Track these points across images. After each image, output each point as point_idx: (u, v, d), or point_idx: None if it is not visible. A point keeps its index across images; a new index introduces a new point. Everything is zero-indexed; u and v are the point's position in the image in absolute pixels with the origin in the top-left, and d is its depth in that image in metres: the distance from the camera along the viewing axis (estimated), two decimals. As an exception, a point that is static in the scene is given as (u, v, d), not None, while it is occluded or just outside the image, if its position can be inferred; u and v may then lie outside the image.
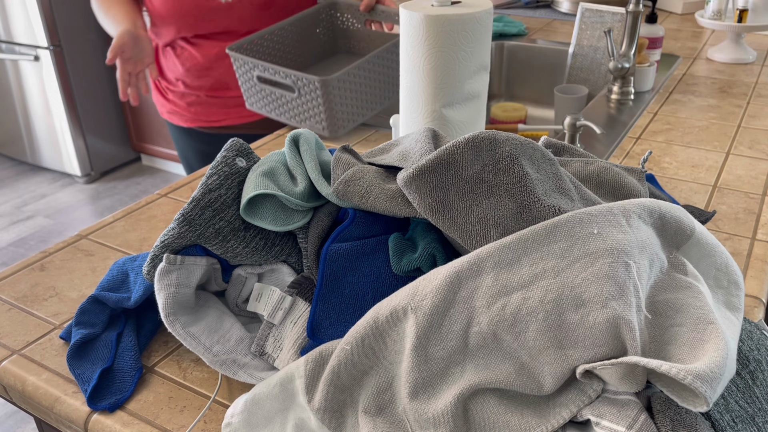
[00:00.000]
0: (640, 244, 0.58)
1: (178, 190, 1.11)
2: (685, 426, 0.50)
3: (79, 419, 0.69)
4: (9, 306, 0.85)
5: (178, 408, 0.69)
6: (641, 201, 0.62)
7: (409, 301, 0.59)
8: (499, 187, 0.64)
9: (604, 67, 1.55)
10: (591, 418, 0.53)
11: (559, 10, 2.15)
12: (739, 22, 1.59)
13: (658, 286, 0.59)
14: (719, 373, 0.49)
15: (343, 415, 0.60)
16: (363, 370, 0.60)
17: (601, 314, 0.53)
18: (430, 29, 0.93)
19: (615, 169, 0.78)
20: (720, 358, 0.50)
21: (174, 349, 0.76)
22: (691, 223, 0.63)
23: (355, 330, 0.60)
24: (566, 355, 0.54)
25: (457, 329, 0.57)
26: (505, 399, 0.56)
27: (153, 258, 0.73)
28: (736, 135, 1.24)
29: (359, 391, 0.60)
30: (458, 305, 0.58)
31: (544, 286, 0.55)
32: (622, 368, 0.52)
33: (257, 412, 0.63)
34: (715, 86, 1.49)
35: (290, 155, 0.77)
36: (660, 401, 0.52)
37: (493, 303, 0.56)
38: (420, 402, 0.57)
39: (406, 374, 0.58)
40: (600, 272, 0.54)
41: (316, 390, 0.61)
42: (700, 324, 0.54)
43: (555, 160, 0.70)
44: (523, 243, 0.58)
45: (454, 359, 0.57)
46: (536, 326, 0.54)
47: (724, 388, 0.52)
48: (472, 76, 0.97)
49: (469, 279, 0.58)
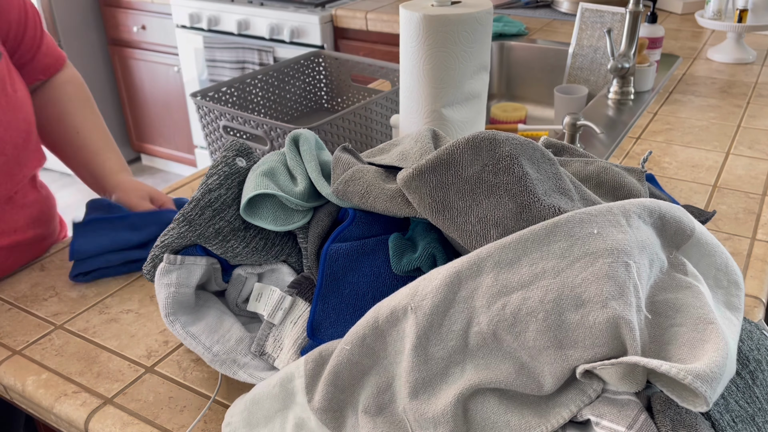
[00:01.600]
0: (640, 244, 0.58)
1: (178, 190, 1.11)
2: (685, 426, 0.50)
3: (79, 419, 0.69)
4: (9, 306, 0.85)
5: (178, 408, 0.69)
6: (641, 201, 0.62)
7: (409, 300, 0.59)
8: (499, 187, 0.64)
9: (604, 67, 1.55)
10: (591, 418, 0.53)
11: (559, 10, 2.15)
12: (739, 22, 1.59)
13: (658, 286, 0.59)
14: (719, 373, 0.49)
15: (343, 414, 0.60)
16: (363, 370, 0.60)
17: (601, 314, 0.53)
18: (429, 29, 0.93)
19: (615, 169, 0.78)
20: (720, 358, 0.50)
21: (174, 349, 0.77)
22: (691, 223, 0.63)
23: (355, 330, 0.61)
24: (566, 355, 0.54)
25: (457, 329, 0.57)
26: (505, 399, 0.56)
27: (153, 258, 0.73)
28: (736, 135, 1.24)
29: (359, 390, 0.60)
30: (458, 305, 0.58)
31: (544, 286, 0.55)
32: (622, 368, 0.52)
33: (257, 412, 0.63)
34: (715, 86, 1.49)
35: (290, 155, 0.77)
36: (660, 401, 0.52)
37: (493, 303, 0.56)
38: (420, 402, 0.57)
39: (406, 374, 0.58)
40: (600, 272, 0.55)
41: (316, 390, 0.61)
42: (700, 324, 0.54)
43: (555, 160, 0.70)
44: (523, 243, 0.58)
45: (454, 359, 0.57)
46: (536, 326, 0.54)
47: (724, 388, 0.52)
48: (472, 76, 0.97)
49: (469, 279, 0.58)
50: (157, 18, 2.81)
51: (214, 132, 1.16)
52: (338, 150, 0.77)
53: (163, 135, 3.34)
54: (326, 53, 1.39)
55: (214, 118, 1.14)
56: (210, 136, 1.18)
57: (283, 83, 1.36)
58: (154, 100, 3.12)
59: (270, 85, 1.33)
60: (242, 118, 1.08)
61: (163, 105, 3.10)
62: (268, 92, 1.33)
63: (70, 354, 0.77)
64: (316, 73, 1.41)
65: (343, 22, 2.28)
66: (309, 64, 1.39)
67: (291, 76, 1.36)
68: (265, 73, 1.31)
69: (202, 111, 1.15)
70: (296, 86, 1.39)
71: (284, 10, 2.35)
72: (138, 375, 0.73)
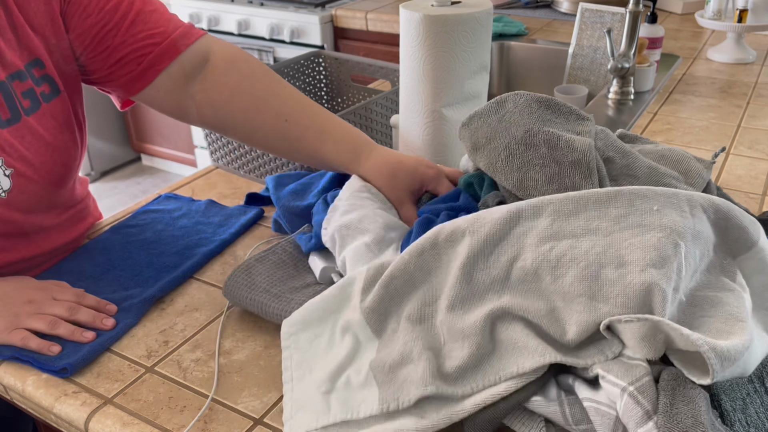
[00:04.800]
0: (696, 234, 0.60)
1: (178, 190, 1.11)
2: (686, 400, 0.50)
3: (79, 419, 0.69)
4: (9, 306, 0.85)
5: (178, 408, 0.69)
6: (712, 197, 0.64)
7: (469, 225, 0.64)
8: (514, 123, 0.76)
9: (604, 67, 1.55)
10: (599, 372, 0.55)
11: (559, 10, 2.15)
12: (739, 22, 1.59)
13: (702, 284, 0.60)
14: (734, 357, 0.50)
15: (386, 318, 0.65)
16: (414, 283, 0.65)
17: (638, 277, 0.55)
18: (429, 29, 0.93)
19: (682, 151, 0.82)
20: (741, 346, 0.51)
21: (174, 349, 0.77)
22: (756, 236, 0.64)
23: (417, 243, 0.66)
24: (596, 307, 0.56)
25: (503, 260, 0.62)
26: (530, 328, 0.59)
27: None
28: (736, 135, 1.24)
29: (407, 301, 0.65)
30: (511, 239, 0.63)
31: (593, 241, 0.59)
32: (644, 329, 0.53)
33: (314, 312, 0.70)
34: (715, 86, 1.49)
35: None
36: (669, 374, 0.53)
37: (543, 244, 0.61)
38: (454, 315, 0.62)
39: (448, 289, 0.63)
40: (648, 242, 0.57)
41: (370, 292, 0.67)
42: (730, 319, 0.55)
43: (592, 120, 0.78)
44: (585, 199, 0.63)
45: (494, 287, 0.62)
46: (575, 272, 0.58)
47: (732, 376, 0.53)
48: (472, 76, 0.97)
49: (528, 219, 0.63)
50: (157, 18, 2.81)
51: (214, 132, 1.15)
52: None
53: (163, 135, 3.34)
54: (326, 53, 1.39)
55: None
56: (210, 136, 1.18)
57: None
58: (154, 100, 3.11)
59: None
60: None
61: (163, 105, 3.09)
62: None
63: (70, 354, 0.77)
64: (316, 73, 1.41)
65: (343, 22, 2.28)
66: (309, 64, 1.39)
67: (291, 76, 1.36)
68: None
69: None
70: (296, 86, 1.38)
71: (284, 10, 2.35)
72: (138, 375, 0.73)
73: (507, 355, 0.58)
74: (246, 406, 0.68)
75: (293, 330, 0.70)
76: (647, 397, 0.51)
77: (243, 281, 0.79)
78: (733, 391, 0.57)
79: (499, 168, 0.74)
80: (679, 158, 0.80)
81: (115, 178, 3.48)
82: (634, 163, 0.76)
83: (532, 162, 0.72)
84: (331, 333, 0.68)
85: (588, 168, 0.70)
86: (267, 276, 0.80)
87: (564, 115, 0.78)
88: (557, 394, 0.57)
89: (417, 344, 0.61)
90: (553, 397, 0.57)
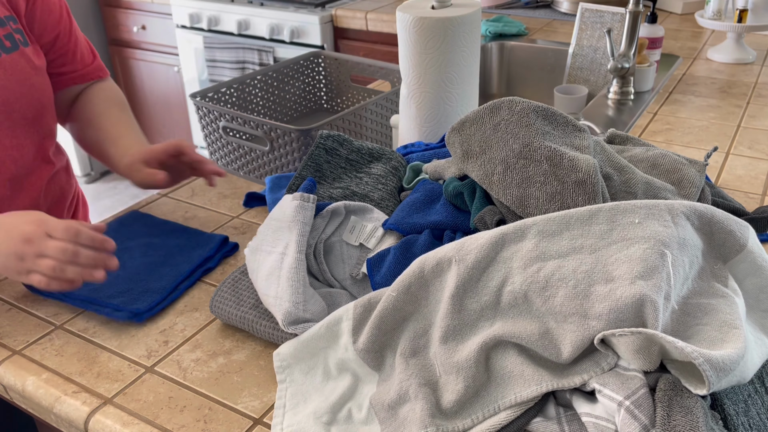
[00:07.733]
0: (681, 241, 0.60)
1: (178, 191, 1.11)
2: (683, 409, 0.50)
3: (79, 419, 0.69)
4: (9, 306, 0.85)
5: (178, 408, 0.69)
6: (693, 204, 0.64)
7: (455, 253, 0.64)
8: (509, 134, 0.74)
9: (604, 67, 1.55)
10: (595, 386, 0.55)
11: (559, 10, 2.15)
12: (739, 22, 1.59)
13: (695, 292, 0.60)
14: (730, 367, 0.50)
15: (383, 355, 0.65)
16: (405, 316, 0.65)
17: (628, 290, 0.55)
18: (422, 31, 0.93)
19: (674, 156, 0.81)
20: (735, 355, 0.51)
21: (174, 349, 0.77)
22: (744, 240, 0.64)
23: (402, 278, 0.65)
24: (589, 325, 0.56)
25: (492, 286, 0.61)
26: (524, 355, 0.59)
27: None
28: (736, 135, 1.24)
29: (399, 334, 0.65)
30: (498, 264, 0.62)
31: (579, 259, 0.59)
32: (638, 342, 0.53)
33: (304, 348, 0.69)
34: (715, 86, 1.49)
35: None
36: (666, 382, 0.53)
37: (530, 265, 0.61)
38: (448, 347, 0.61)
39: (440, 320, 0.63)
40: (634, 255, 0.58)
41: (361, 332, 0.66)
42: (724, 327, 0.55)
43: (587, 130, 0.77)
44: (567, 219, 0.63)
45: (486, 314, 0.62)
46: (565, 292, 0.58)
47: (729, 385, 0.53)
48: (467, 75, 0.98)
49: (513, 242, 0.63)
50: (157, 18, 2.81)
51: (214, 132, 1.15)
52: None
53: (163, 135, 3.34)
54: (326, 53, 1.39)
55: (214, 118, 1.13)
56: (210, 137, 1.17)
57: (282, 83, 1.36)
58: (154, 100, 3.12)
59: (270, 86, 1.33)
60: (242, 118, 1.07)
61: (163, 105, 3.10)
62: (267, 93, 1.33)
63: (70, 354, 0.77)
64: (316, 73, 1.41)
65: (343, 23, 2.28)
66: (309, 64, 1.39)
67: (291, 76, 1.36)
68: (264, 73, 1.31)
69: (202, 112, 1.15)
70: (296, 86, 1.38)
71: (284, 10, 2.35)
72: (138, 375, 0.73)
73: (504, 384, 0.58)
74: (246, 406, 0.68)
75: (285, 364, 0.70)
76: (644, 411, 0.51)
77: (229, 297, 0.78)
78: (735, 394, 0.57)
79: (495, 181, 0.73)
80: (671, 166, 0.79)
81: (115, 178, 3.48)
82: (631, 179, 0.75)
83: (532, 179, 0.71)
84: (325, 367, 0.68)
85: (593, 190, 0.69)
86: (253, 290, 0.79)
87: (561, 126, 0.76)
88: (556, 412, 0.56)
89: (413, 381, 0.61)
90: (552, 415, 0.56)
